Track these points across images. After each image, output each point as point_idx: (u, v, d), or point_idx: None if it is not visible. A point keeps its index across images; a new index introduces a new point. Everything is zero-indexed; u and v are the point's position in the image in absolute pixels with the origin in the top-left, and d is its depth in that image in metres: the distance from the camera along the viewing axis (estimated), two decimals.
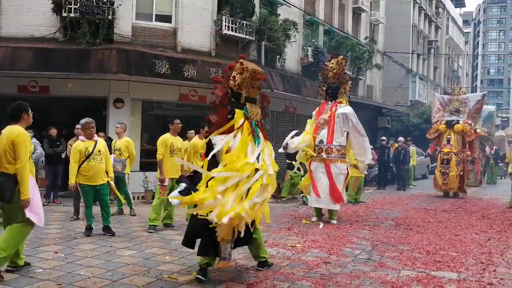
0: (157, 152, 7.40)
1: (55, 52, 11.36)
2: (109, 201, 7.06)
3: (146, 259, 5.45)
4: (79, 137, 7.02)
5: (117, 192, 8.07)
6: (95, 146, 6.64)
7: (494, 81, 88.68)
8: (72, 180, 6.64)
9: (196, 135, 8.33)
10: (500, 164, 22.86)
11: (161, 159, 7.34)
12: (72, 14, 11.42)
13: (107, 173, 6.85)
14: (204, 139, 7.76)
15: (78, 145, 6.68)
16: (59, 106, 12.09)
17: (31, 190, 4.51)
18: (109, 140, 9.26)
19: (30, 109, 4.77)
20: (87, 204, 6.78)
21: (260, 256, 5.13)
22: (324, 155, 8.46)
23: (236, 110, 4.77)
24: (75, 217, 8.11)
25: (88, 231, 6.77)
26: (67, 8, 11.40)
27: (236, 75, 4.80)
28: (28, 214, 4.51)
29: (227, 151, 4.51)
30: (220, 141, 4.56)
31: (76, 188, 6.77)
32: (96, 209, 7.03)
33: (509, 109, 69.79)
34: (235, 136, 4.61)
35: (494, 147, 21.22)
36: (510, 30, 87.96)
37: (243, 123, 4.69)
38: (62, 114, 12.08)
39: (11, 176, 4.46)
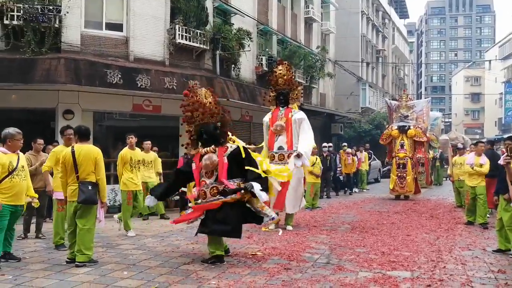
0: (45, 164, 6.84)
1: None
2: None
3: (102, 276, 5.25)
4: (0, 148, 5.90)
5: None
6: (18, 160, 5.75)
7: (437, 88, 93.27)
8: None
9: (127, 146, 8.30)
10: (445, 166, 24.05)
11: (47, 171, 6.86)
12: (15, 22, 10.96)
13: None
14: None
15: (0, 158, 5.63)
16: (3, 118, 11.46)
17: None
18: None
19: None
20: (1, 227, 5.55)
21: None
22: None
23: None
24: (23, 235, 7.69)
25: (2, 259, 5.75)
26: (9, 15, 10.91)
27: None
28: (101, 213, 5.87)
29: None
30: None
31: None
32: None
33: (451, 114, 73.52)
34: None
35: (440, 150, 22.27)
36: (449, 40, 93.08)
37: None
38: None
39: (95, 184, 5.70)
